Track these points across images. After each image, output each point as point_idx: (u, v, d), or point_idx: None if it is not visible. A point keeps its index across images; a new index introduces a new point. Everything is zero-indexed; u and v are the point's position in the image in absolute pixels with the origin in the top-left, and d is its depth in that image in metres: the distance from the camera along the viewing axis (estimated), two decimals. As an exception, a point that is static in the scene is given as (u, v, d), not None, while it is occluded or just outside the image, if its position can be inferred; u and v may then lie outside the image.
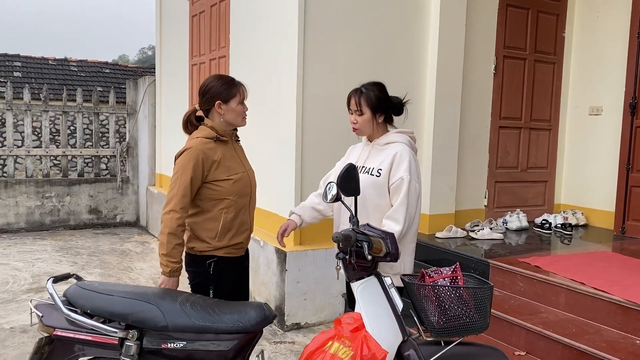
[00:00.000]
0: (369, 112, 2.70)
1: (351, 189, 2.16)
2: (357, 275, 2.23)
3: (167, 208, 2.54)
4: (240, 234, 2.74)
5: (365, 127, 2.73)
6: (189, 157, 2.56)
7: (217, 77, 2.73)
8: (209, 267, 2.65)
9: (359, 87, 2.77)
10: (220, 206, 2.64)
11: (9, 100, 8.04)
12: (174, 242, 2.52)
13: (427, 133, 4.93)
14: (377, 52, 4.70)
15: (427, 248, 4.69)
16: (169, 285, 2.55)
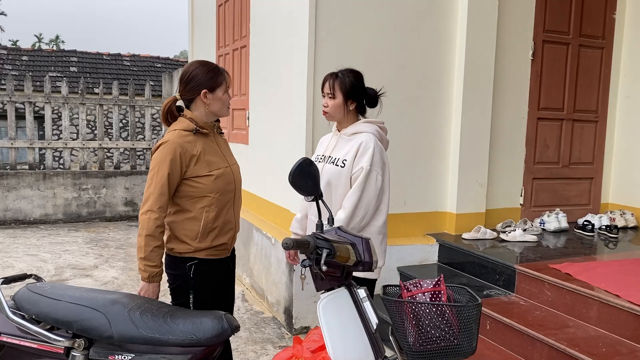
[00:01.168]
0: (341, 97, 2.66)
1: (307, 187, 1.87)
2: (327, 286, 1.95)
3: (144, 208, 2.35)
4: (224, 235, 2.52)
5: (335, 112, 2.68)
6: (166, 151, 2.36)
7: (201, 64, 2.51)
8: (189, 270, 2.44)
9: (335, 72, 2.70)
10: (201, 204, 2.43)
11: (47, 93, 8.17)
12: (152, 245, 2.32)
13: (455, 124, 4.54)
14: (399, 36, 4.34)
15: (450, 250, 4.33)
16: (149, 292, 2.36)
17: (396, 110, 4.37)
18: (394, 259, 4.33)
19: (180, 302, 2.45)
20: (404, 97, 4.40)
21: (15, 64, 18.81)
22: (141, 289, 2.38)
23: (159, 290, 2.40)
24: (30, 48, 21.33)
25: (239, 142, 5.69)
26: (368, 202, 2.57)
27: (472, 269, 4.10)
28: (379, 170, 2.59)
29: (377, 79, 4.26)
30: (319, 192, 1.88)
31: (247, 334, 4.11)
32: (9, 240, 6.95)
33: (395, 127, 4.34)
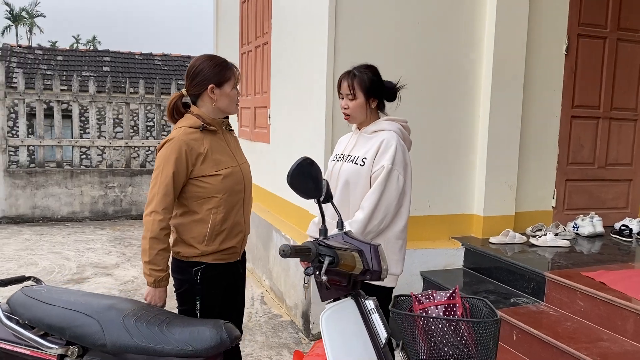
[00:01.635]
0: (363, 96, 2.50)
1: (308, 189, 1.71)
2: (333, 296, 1.80)
3: (148, 209, 2.25)
4: (233, 238, 2.40)
5: (357, 113, 2.52)
6: (171, 149, 2.25)
7: (209, 58, 2.39)
8: (196, 275, 2.32)
9: (350, 70, 2.56)
10: (208, 205, 2.31)
11: (74, 92, 8.23)
12: (157, 248, 2.22)
13: (482, 123, 4.32)
14: (423, 31, 4.16)
15: (477, 254, 4.13)
16: (156, 297, 2.26)
17: (420, 109, 4.19)
18: (417, 263, 4.15)
19: (187, 308, 2.35)
20: (429, 94, 4.22)
21: (50, 64, 19.21)
22: (147, 295, 2.28)
23: (165, 295, 2.30)
24: (64, 48, 21.76)
25: (260, 141, 5.59)
26: (388, 203, 2.42)
27: (500, 275, 3.89)
28: (401, 170, 2.44)
29: (402, 75, 4.10)
30: (321, 194, 1.73)
31: (263, 338, 3.99)
32: (35, 238, 7.02)
33: (419, 126, 4.15)
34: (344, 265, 1.66)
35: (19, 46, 20.00)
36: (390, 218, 2.46)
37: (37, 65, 18.97)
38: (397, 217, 2.51)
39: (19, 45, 20.20)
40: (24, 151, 8.18)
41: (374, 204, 2.39)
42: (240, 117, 6.44)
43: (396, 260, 2.53)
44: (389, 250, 2.48)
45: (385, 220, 2.44)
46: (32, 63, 19.03)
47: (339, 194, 2.57)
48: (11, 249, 6.41)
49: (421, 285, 4.16)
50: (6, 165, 7.92)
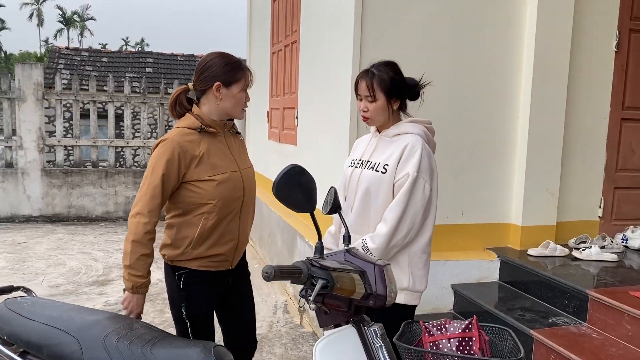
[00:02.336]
0: (383, 97, 2.26)
1: (297, 201, 1.50)
2: (333, 322, 1.59)
3: (134, 210, 2.13)
4: (222, 245, 2.24)
5: (378, 115, 2.28)
6: (163, 150, 2.12)
7: (221, 55, 2.25)
8: (179, 279, 2.21)
9: (368, 68, 2.32)
10: (199, 211, 2.17)
11: (110, 92, 8.27)
12: (138, 252, 2.10)
13: (522, 125, 4.01)
14: (457, 27, 3.88)
15: (513, 267, 3.82)
16: (133, 304, 2.13)
17: (453, 110, 3.92)
18: (448, 275, 3.87)
19: (177, 316, 2.25)
20: (463, 94, 3.94)
21: (95, 65, 19.66)
22: (123, 300, 2.15)
23: (143, 302, 2.17)
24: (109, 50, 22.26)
25: (288, 143, 5.41)
26: (414, 214, 2.20)
27: (538, 291, 3.57)
28: (427, 177, 2.21)
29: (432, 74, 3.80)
30: (313, 207, 1.52)
31: (282, 350, 3.80)
32: (68, 237, 7.05)
33: (452, 129, 3.90)
34: (340, 290, 1.44)
35: (66, 48, 20.56)
36: (416, 230, 2.23)
37: (83, 66, 19.44)
38: (423, 229, 2.28)
39: (67, 48, 20.77)
40: (61, 151, 8.27)
41: (399, 216, 2.17)
42: (270, 119, 6.29)
43: (421, 276, 2.30)
44: (413, 266, 2.26)
45: (411, 233, 2.22)
46: (78, 64, 19.52)
47: (358, 203, 2.34)
48: (43, 248, 6.45)
49: (452, 299, 3.88)
50: (43, 164, 8.03)
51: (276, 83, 5.97)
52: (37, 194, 7.99)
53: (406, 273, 2.23)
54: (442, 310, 3.87)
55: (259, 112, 6.99)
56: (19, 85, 7.78)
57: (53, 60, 19.70)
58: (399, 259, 2.24)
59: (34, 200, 7.99)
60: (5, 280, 5.10)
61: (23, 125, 7.86)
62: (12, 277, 5.24)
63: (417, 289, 2.25)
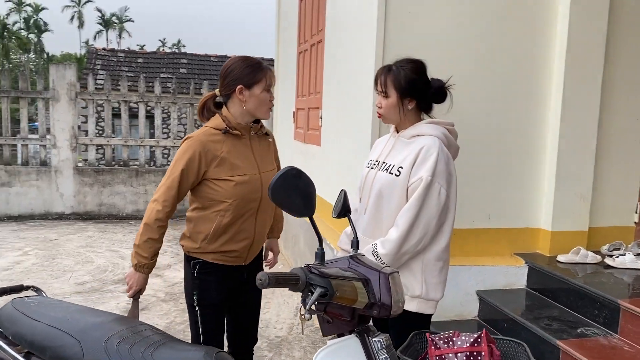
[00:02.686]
0: (395, 95, 2.21)
1: (294, 205, 1.43)
2: (336, 331, 1.52)
3: (154, 197, 2.29)
4: (236, 242, 2.32)
5: (390, 113, 2.24)
6: (187, 147, 2.24)
7: (241, 59, 2.33)
8: (194, 268, 2.33)
9: (390, 64, 2.26)
10: (216, 208, 2.28)
11: (141, 92, 8.38)
12: (147, 235, 2.25)
13: (552, 125, 3.85)
14: (484, 23, 3.74)
15: (542, 274, 3.67)
16: (134, 280, 2.28)
17: (479, 109, 3.79)
18: (473, 281, 3.75)
19: (189, 303, 2.37)
20: (489, 93, 3.80)
21: (131, 66, 20.05)
22: (127, 275, 2.31)
23: (144, 282, 2.31)
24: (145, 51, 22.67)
25: (312, 144, 5.35)
26: (428, 220, 2.11)
27: (567, 300, 3.42)
28: (443, 182, 2.12)
29: (458, 74, 3.70)
30: (312, 211, 1.45)
31: (301, 353, 3.75)
32: (98, 235, 7.17)
33: (478, 129, 3.78)
34: (340, 298, 1.37)
35: (103, 49, 21.05)
36: (430, 237, 2.15)
37: (119, 67, 19.85)
38: (439, 236, 2.19)
39: (103, 49, 21.26)
40: (93, 150, 8.42)
41: (411, 222, 2.10)
42: (296, 119, 6.25)
43: (435, 283, 2.21)
44: (427, 273, 2.18)
45: (425, 239, 2.14)
46: (114, 65, 19.95)
47: (371, 206, 2.29)
48: (73, 245, 6.56)
49: (477, 306, 3.75)
50: (76, 163, 8.19)
51: (302, 83, 5.93)
52: (70, 192, 8.16)
53: (419, 280, 2.14)
54: (467, 317, 3.75)
55: (286, 113, 6.96)
56: (53, 85, 7.96)
57: (90, 61, 20.18)
58: (411, 266, 2.15)
59: (66, 198, 8.16)
60: (34, 277, 5.20)
61: (57, 125, 8.04)
62: (40, 273, 5.34)
63: (430, 297, 2.16)
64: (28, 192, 8.03)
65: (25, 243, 6.57)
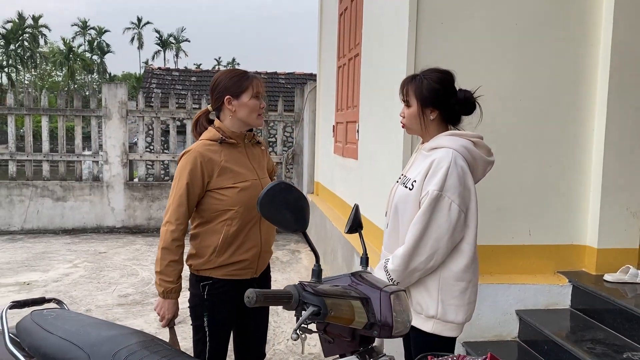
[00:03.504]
0: (417, 104, 2.14)
1: (284, 220, 1.37)
2: (337, 351, 1.47)
3: (164, 220, 2.27)
4: (245, 251, 2.31)
5: (411, 122, 2.19)
6: (186, 161, 2.25)
7: (227, 71, 2.38)
8: (203, 290, 2.29)
9: (415, 74, 2.25)
10: (223, 217, 2.27)
11: (188, 109, 8.59)
12: (168, 259, 2.23)
13: (597, 137, 3.66)
14: (522, 32, 3.61)
15: (587, 294, 3.46)
16: (164, 308, 2.26)
17: (519, 121, 3.65)
18: (512, 300, 3.58)
19: (198, 324, 2.33)
20: (529, 104, 3.66)
21: (184, 84, 20.64)
22: (156, 306, 2.28)
23: (175, 308, 2.28)
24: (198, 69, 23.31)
25: (349, 157, 5.31)
26: (437, 237, 2.01)
27: (613, 322, 3.21)
28: (455, 197, 2.01)
29: (494, 84, 3.61)
30: (305, 226, 1.40)
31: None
32: (145, 248, 7.36)
33: (518, 142, 3.65)
34: (335, 318, 1.32)
35: (159, 68, 21.79)
36: (442, 255, 2.04)
37: (174, 85, 20.47)
38: (456, 255, 2.08)
39: (159, 68, 22.00)
40: (142, 165, 8.68)
41: (417, 237, 2.02)
42: (335, 133, 6.23)
43: (456, 305, 2.08)
44: (444, 293, 2.07)
45: (436, 256, 2.03)
46: (169, 83, 20.59)
47: (390, 220, 2.25)
48: (120, 258, 6.75)
49: (517, 326, 3.58)
50: (126, 178, 8.46)
51: (341, 97, 5.92)
52: (121, 206, 8.43)
53: (434, 300, 2.04)
54: (506, 338, 3.58)
55: (326, 127, 6.96)
56: (106, 104, 8.28)
57: (147, 80, 20.93)
58: (427, 284, 2.06)
59: (117, 212, 8.43)
60: (80, 289, 5.38)
61: (108, 141, 8.35)
62: (87, 285, 5.51)
63: (448, 319, 2.05)
64: (81, 206, 8.36)
65: (76, 256, 6.82)
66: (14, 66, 65.09)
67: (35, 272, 6.03)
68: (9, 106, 8.38)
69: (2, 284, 5.52)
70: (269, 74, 21.65)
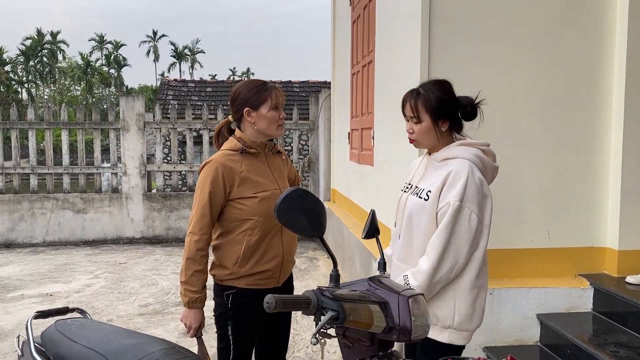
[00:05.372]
0: (429, 118, 2.13)
1: (301, 226, 1.39)
2: (357, 356, 1.47)
3: (188, 231, 2.30)
4: (268, 261, 2.32)
5: (424, 137, 2.16)
6: (208, 171, 2.27)
7: (247, 82, 2.39)
8: (227, 299, 2.31)
9: (416, 88, 2.21)
10: (243, 227, 2.28)
11: (204, 120, 8.68)
12: (192, 269, 2.25)
13: (615, 137, 3.62)
14: (535, 35, 3.61)
15: (608, 297, 3.43)
16: (190, 318, 2.28)
17: (535, 124, 3.64)
18: (532, 304, 3.55)
19: (223, 333, 2.36)
20: (545, 107, 3.64)
21: (200, 95, 20.86)
22: (182, 316, 2.31)
23: (201, 317, 2.31)
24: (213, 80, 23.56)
25: (366, 164, 5.32)
26: (458, 248, 2.02)
27: (636, 324, 3.16)
28: (474, 207, 2.03)
29: (510, 87, 3.61)
30: (321, 231, 1.42)
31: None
32: (164, 258, 7.42)
33: (535, 144, 3.64)
34: (354, 322, 1.33)
35: (175, 80, 22.05)
36: (462, 264, 2.05)
37: (189, 96, 20.69)
38: (470, 263, 2.08)
39: (175, 80, 22.26)
40: (160, 176, 8.78)
41: (441, 250, 2.01)
42: (351, 140, 6.25)
43: (470, 314, 2.09)
44: (460, 303, 2.07)
45: (457, 267, 2.05)
46: (185, 95, 20.82)
47: (403, 231, 2.23)
48: (140, 268, 6.82)
49: (538, 330, 3.55)
50: (145, 189, 8.56)
51: (355, 104, 5.94)
52: (139, 217, 8.53)
53: (451, 310, 2.05)
54: (527, 342, 3.55)
55: (341, 134, 6.98)
56: (123, 116, 8.40)
57: (163, 92, 21.19)
58: (443, 295, 2.06)
59: (136, 223, 8.53)
60: (101, 299, 5.44)
61: (127, 153, 8.46)
62: (108, 296, 5.58)
63: (464, 328, 2.06)
64: (101, 218, 8.47)
65: (97, 267, 6.90)
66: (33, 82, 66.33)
67: (57, 283, 6.12)
68: (30, 121, 8.55)
69: (25, 296, 5.61)
70: (284, 83, 21.78)
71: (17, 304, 5.35)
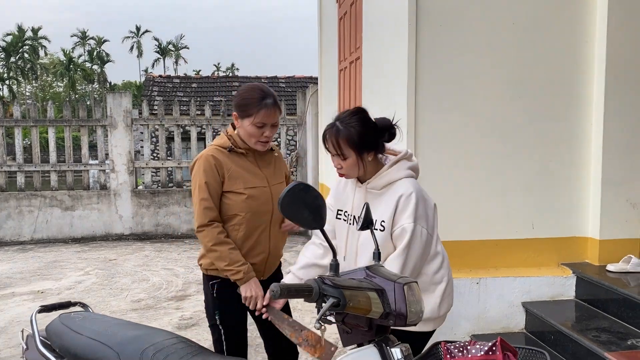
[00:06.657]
0: (354, 154, 2.13)
1: (305, 219, 1.47)
2: (356, 341, 1.56)
3: (196, 226, 2.34)
4: (254, 256, 2.39)
5: (352, 171, 2.18)
6: (199, 164, 2.35)
7: (248, 88, 2.40)
8: (212, 288, 2.38)
9: (333, 122, 2.16)
10: (231, 222, 2.35)
11: (192, 116, 8.70)
12: (225, 249, 2.27)
13: (596, 130, 3.75)
14: (519, 32, 3.72)
15: (590, 284, 3.56)
16: (252, 289, 2.28)
17: (520, 118, 3.76)
18: (517, 292, 3.68)
19: (213, 324, 2.44)
20: (529, 104, 3.76)
21: (186, 91, 20.77)
22: (244, 295, 2.28)
23: (260, 286, 2.30)
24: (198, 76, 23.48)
25: (354, 159, 5.41)
26: (415, 262, 2.13)
27: (617, 310, 3.30)
28: (424, 222, 2.12)
29: (495, 83, 3.72)
30: (322, 223, 1.50)
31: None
32: (154, 254, 7.45)
33: (519, 138, 3.76)
34: (353, 308, 1.42)
35: (159, 76, 21.92)
36: (419, 271, 2.17)
37: (175, 92, 20.60)
38: (429, 262, 2.20)
39: (160, 76, 22.14)
40: (148, 173, 8.79)
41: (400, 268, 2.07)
42: (339, 135, 6.32)
43: (434, 304, 2.20)
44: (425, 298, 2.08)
45: (414, 275, 2.14)
46: (170, 91, 20.72)
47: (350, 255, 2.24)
48: (130, 264, 6.85)
49: (523, 317, 3.68)
50: (133, 186, 8.57)
51: (343, 101, 6.01)
52: (128, 214, 8.54)
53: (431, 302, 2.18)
54: (513, 330, 3.67)
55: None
56: (110, 113, 8.40)
57: (148, 88, 21.07)
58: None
59: (125, 219, 8.54)
60: (94, 295, 5.48)
61: (114, 150, 8.45)
62: (100, 292, 5.61)
63: (434, 316, 2.19)
64: (90, 215, 8.47)
65: (87, 263, 6.92)
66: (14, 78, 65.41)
67: (48, 280, 6.13)
68: (16, 118, 8.51)
69: (17, 293, 5.62)
70: (269, 78, 21.77)
71: (8, 301, 5.36)
